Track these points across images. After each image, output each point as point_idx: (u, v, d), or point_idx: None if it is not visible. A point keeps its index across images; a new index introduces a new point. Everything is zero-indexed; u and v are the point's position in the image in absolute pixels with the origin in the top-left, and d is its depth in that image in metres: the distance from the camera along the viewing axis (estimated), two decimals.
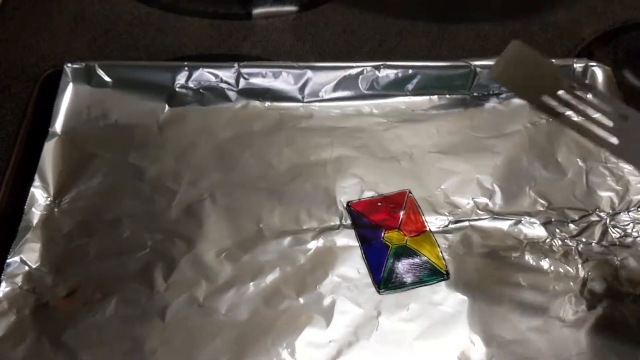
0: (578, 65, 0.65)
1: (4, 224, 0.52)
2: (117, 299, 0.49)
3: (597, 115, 0.47)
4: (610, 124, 0.46)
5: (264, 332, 0.48)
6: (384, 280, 0.50)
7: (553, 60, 0.64)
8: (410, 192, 0.55)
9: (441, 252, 0.52)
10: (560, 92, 0.46)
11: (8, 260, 0.50)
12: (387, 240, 0.52)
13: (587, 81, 0.65)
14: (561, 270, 0.52)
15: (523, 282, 0.51)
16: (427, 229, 0.53)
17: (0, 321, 0.47)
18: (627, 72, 0.71)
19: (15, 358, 0.45)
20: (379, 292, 0.49)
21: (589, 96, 0.47)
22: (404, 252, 0.52)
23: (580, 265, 0.52)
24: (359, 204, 0.54)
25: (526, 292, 0.50)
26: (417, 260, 0.52)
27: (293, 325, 0.48)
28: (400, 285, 0.50)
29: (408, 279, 0.50)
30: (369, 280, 0.51)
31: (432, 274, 0.51)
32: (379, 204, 0.55)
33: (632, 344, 0.48)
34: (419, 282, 0.50)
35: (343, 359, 0.47)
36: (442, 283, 0.51)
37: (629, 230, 0.54)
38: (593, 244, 0.53)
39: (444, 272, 0.51)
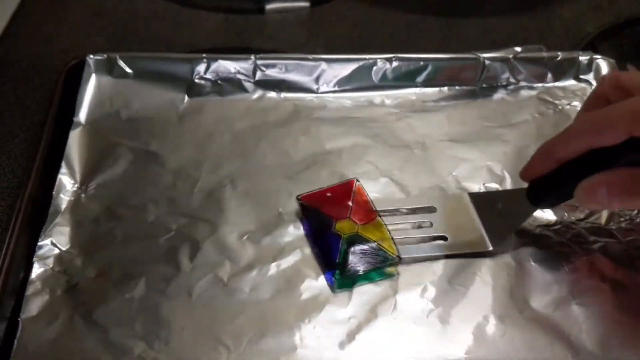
0: (583, 59, 0.67)
1: (34, 208, 0.54)
2: (145, 279, 0.51)
3: None
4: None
5: (286, 310, 0.50)
6: (340, 268, 0.51)
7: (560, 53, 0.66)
8: (357, 180, 0.56)
9: (392, 237, 0.53)
10: None
11: (40, 243, 0.52)
12: (339, 230, 0.53)
13: (592, 74, 0.67)
14: (570, 251, 0.54)
15: (534, 262, 0.53)
16: (377, 216, 0.54)
17: (34, 301, 0.49)
18: (632, 66, 0.72)
19: (49, 335, 0.47)
20: (332, 285, 0.51)
21: None
22: (355, 240, 0.53)
23: (588, 247, 0.54)
24: (308, 197, 0.55)
25: (537, 272, 0.52)
26: (368, 247, 0.52)
27: (313, 304, 0.50)
28: (354, 273, 0.51)
29: (361, 266, 0.51)
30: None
31: (384, 259, 0.52)
32: (328, 194, 0.55)
33: None
34: (373, 268, 0.51)
35: (363, 334, 0.48)
36: (454, 262, 0.53)
37: (635, 214, 0.56)
38: (601, 227, 0.55)
39: (395, 256, 0.52)
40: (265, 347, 0.48)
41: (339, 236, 0.53)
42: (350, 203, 0.55)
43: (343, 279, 0.51)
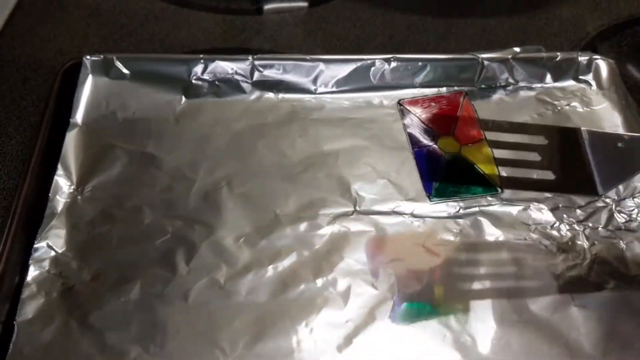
0: (582, 59, 0.67)
1: (30, 210, 0.53)
2: (140, 282, 0.50)
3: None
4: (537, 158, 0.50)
5: (283, 313, 0.49)
6: (436, 190, 0.51)
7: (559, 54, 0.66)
8: (466, 93, 0.55)
9: (496, 164, 0.52)
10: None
11: (35, 245, 0.51)
12: (442, 147, 0.52)
13: (591, 74, 0.66)
14: (569, 253, 0.53)
15: (532, 263, 0.52)
16: (483, 136, 0.53)
17: (30, 303, 0.49)
18: (631, 66, 0.72)
19: (44, 339, 0.47)
20: (430, 200, 0.51)
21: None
22: (458, 161, 0.52)
23: (587, 249, 0.54)
24: (411, 102, 0.53)
25: (535, 274, 0.52)
26: (470, 170, 0.52)
27: (310, 307, 0.50)
28: (453, 194, 0.51)
29: (460, 190, 0.51)
30: None
31: (486, 188, 0.52)
32: (433, 104, 0.53)
33: (639, 323, 0.50)
34: (471, 195, 0.51)
35: (360, 338, 0.48)
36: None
37: (634, 215, 0.56)
38: (599, 229, 0.55)
39: (498, 187, 0.51)
40: (261, 350, 0.47)
41: (440, 155, 0.52)
42: (455, 117, 0.53)
43: (440, 189, 0.50)
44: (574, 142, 0.51)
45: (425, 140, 0.51)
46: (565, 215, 0.56)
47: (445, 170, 0.49)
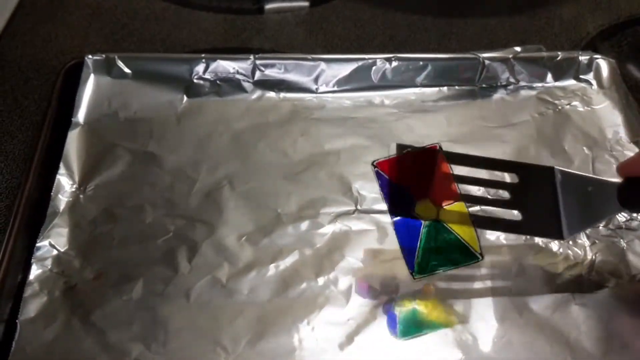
0: (583, 58, 0.67)
1: (33, 209, 0.53)
2: (142, 281, 0.50)
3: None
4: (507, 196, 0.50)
5: (284, 312, 0.50)
6: (418, 265, 0.50)
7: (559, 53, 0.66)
8: (440, 146, 0.55)
9: (475, 229, 0.52)
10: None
11: (38, 244, 0.52)
12: (420, 213, 0.51)
13: (591, 74, 0.66)
14: (570, 252, 0.54)
15: (533, 262, 0.53)
16: (458, 193, 0.53)
17: (32, 302, 0.49)
18: (632, 65, 0.72)
19: (47, 337, 0.47)
20: (413, 278, 0.50)
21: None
22: (437, 229, 0.51)
23: (588, 248, 0.54)
24: (384, 163, 0.53)
25: (537, 272, 0.52)
26: (450, 239, 0.51)
27: (312, 305, 0.50)
28: (433, 269, 0.50)
29: (441, 263, 0.51)
30: None
31: (466, 257, 0.51)
32: (409, 162, 0.53)
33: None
34: (453, 266, 0.51)
35: (361, 336, 0.48)
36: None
37: (635, 215, 0.56)
38: (600, 228, 0.55)
39: (478, 254, 0.51)
40: (263, 349, 0.48)
41: (419, 222, 0.51)
42: (431, 177, 0.53)
43: (422, 265, 0.50)
44: (546, 181, 0.51)
45: (403, 206, 0.51)
46: None
47: (426, 242, 0.49)
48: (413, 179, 0.51)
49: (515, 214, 0.51)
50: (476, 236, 0.53)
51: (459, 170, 0.52)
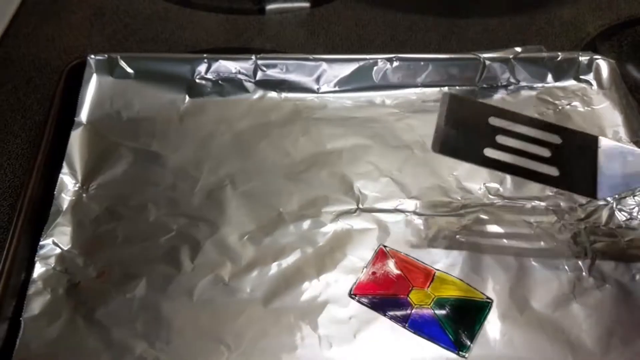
0: (583, 59, 0.67)
1: (36, 208, 0.54)
2: (145, 279, 0.51)
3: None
4: (547, 154, 0.50)
5: (287, 310, 0.50)
6: (458, 344, 0.49)
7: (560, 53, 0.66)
8: (384, 245, 0.54)
9: (465, 282, 0.52)
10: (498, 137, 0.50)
11: (41, 243, 0.52)
12: (418, 304, 0.50)
13: (591, 74, 0.67)
14: (571, 250, 0.54)
15: (534, 261, 0.53)
16: (433, 269, 0.53)
17: (36, 300, 0.49)
18: (631, 66, 0.73)
19: (51, 334, 0.48)
20: (465, 358, 0.48)
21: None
22: (442, 304, 0.51)
23: (588, 246, 0.54)
24: (359, 289, 0.51)
25: (537, 271, 0.52)
26: (458, 303, 0.51)
27: (314, 303, 0.50)
28: (472, 335, 0.49)
29: (471, 325, 0.50)
30: None
31: (481, 307, 0.51)
32: (372, 274, 0.52)
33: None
34: (480, 321, 0.50)
35: (363, 334, 0.49)
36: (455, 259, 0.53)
37: (635, 214, 0.56)
38: (600, 227, 0.56)
39: (487, 298, 0.51)
40: (266, 346, 0.48)
41: (427, 309, 0.51)
42: (398, 273, 0.53)
43: (461, 342, 0.49)
44: (588, 146, 0.52)
45: (403, 308, 0.51)
46: (566, 214, 0.56)
47: (445, 320, 0.49)
48: (391, 285, 0.52)
49: (553, 170, 0.51)
50: (472, 288, 0.52)
51: (501, 123, 0.52)
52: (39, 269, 0.51)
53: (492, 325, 0.50)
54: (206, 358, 0.47)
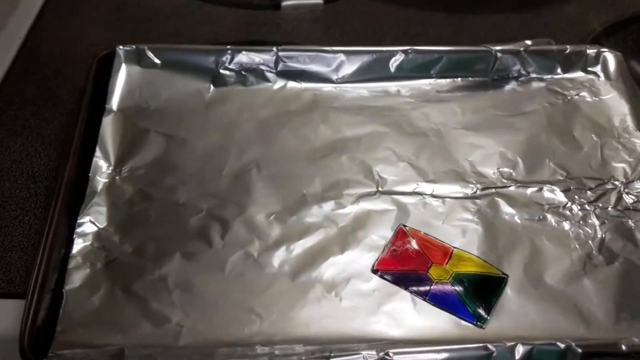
0: (591, 52, 0.70)
1: (72, 189, 0.56)
2: (179, 254, 0.53)
3: None
4: None
5: (313, 284, 0.52)
6: (476, 315, 0.52)
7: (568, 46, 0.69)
8: (404, 225, 0.57)
9: (482, 259, 0.55)
10: None
11: (79, 221, 0.54)
12: (437, 278, 0.53)
13: (599, 66, 0.69)
14: (580, 231, 0.56)
15: (546, 240, 0.56)
16: (451, 247, 0.56)
17: (77, 274, 0.52)
18: (635, 61, 0.75)
19: (92, 305, 0.50)
20: (483, 328, 0.51)
21: None
22: (460, 279, 0.54)
23: (597, 227, 0.57)
24: (381, 264, 0.54)
25: (549, 249, 0.55)
26: (476, 278, 0.54)
27: (339, 278, 0.53)
28: (489, 308, 0.52)
29: (488, 299, 0.52)
30: None
31: (497, 282, 0.54)
32: (393, 252, 0.55)
33: None
34: (497, 295, 0.53)
35: (386, 307, 0.51)
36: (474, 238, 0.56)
37: None
38: (609, 209, 0.58)
39: (503, 274, 0.54)
40: (295, 315, 0.50)
41: (446, 284, 0.53)
42: (418, 250, 0.55)
43: (479, 313, 0.52)
44: None
45: (423, 284, 0.54)
46: (576, 197, 0.59)
47: (465, 294, 0.52)
48: (411, 261, 0.54)
49: None
50: (489, 264, 0.55)
51: None
52: (78, 245, 0.53)
53: (508, 299, 0.52)
54: (240, 326, 0.50)
